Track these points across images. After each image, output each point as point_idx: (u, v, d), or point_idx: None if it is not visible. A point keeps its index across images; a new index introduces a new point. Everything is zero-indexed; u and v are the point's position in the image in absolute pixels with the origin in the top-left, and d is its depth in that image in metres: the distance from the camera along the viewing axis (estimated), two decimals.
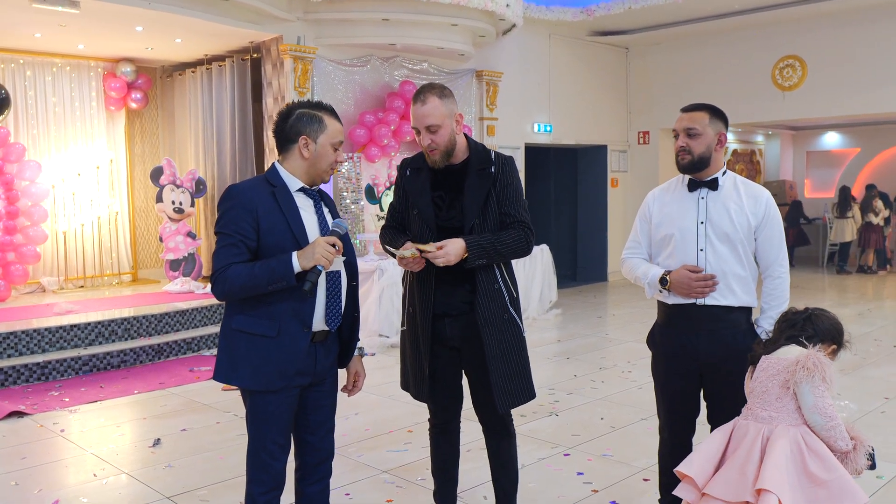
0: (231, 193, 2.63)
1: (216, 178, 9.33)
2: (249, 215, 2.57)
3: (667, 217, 3.07)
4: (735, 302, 2.96)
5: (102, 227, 9.31)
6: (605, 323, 8.93)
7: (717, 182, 2.99)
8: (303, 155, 2.66)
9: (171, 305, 7.67)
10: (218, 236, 2.62)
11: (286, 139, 2.68)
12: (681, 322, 3.03)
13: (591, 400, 5.62)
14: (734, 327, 2.98)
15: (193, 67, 9.50)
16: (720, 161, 3.02)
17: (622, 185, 12.39)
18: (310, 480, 2.84)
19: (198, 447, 4.69)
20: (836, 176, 15.73)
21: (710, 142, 2.97)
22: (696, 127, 2.97)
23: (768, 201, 2.99)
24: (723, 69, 11.35)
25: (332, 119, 2.70)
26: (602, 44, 11.84)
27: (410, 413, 5.23)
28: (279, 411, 2.67)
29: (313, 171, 2.68)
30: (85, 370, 6.50)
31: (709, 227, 2.97)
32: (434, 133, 2.99)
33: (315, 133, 2.65)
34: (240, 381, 2.63)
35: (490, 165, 3.06)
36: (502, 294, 3.07)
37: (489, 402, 3.10)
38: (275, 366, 2.61)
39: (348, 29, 8.30)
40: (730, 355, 2.95)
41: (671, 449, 3.18)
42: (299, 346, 2.63)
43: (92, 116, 9.13)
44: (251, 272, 2.52)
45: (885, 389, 5.72)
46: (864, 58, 10.26)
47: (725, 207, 2.96)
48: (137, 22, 7.33)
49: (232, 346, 2.63)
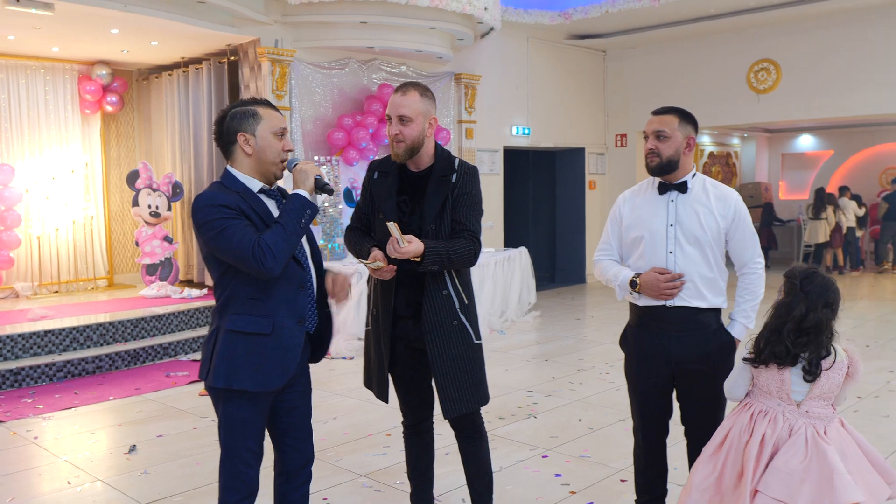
0: (206, 201, 2.53)
1: (193, 181, 9.27)
2: (236, 210, 2.55)
3: (637, 219, 3.11)
4: (703, 304, 3.00)
5: (77, 232, 9.21)
6: (584, 325, 8.97)
7: (687, 185, 3.03)
8: (245, 152, 2.62)
9: (148, 310, 7.60)
10: (215, 229, 2.49)
11: (227, 142, 2.64)
12: (652, 323, 3.06)
13: (569, 401, 5.64)
14: (704, 328, 3.01)
15: (170, 70, 9.44)
16: (689, 164, 3.06)
17: (600, 188, 12.46)
18: (294, 485, 2.82)
19: (174, 453, 4.65)
20: (810, 178, 15.92)
21: (679, 145, 3.00)
22: (665, 130, 3.00)
23: (737, 202, 3.04)
24: (699, 72, 11.47)
25: (268, 109, 2.67)
26: (580, 47, 11.91)
27: (388, 417, 5.22)
28: (252, 418, 2.64)
29: (262, 166, 2.64)
30: (59, 376, 6.42)
31: (678, 229, 3.00)
32: (404, 125, 3.00)
33: (251, 126, 2.61)
34: (240, 383, 2.56)
35: (451, 173, 3.10)
36: (451, 300, 3.07)
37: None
38: (274, 364, 2.60)
39: (326, 32, 8.28)
40: (700, 356, 2.99)
41: (646, 450, 3.21)
42: (296, 341, 2.65)
43: (67, 120, 9.04)
44: (282, 230, 2.52)
45: (858, 389, 5.79)
46: (836, 62, 10.40)
47: (695, 210, 3.00)
48: (113, 24, 7.27)
49: (229, 348, 2.57)
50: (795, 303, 2.59)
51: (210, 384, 2.61)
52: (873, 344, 7.45)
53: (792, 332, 2.57)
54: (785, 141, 16.44)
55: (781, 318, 2.61)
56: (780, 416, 2.61)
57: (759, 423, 2.62)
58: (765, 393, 2.66)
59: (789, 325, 2.58)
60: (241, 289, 2.58)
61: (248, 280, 2.57)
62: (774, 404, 2.63)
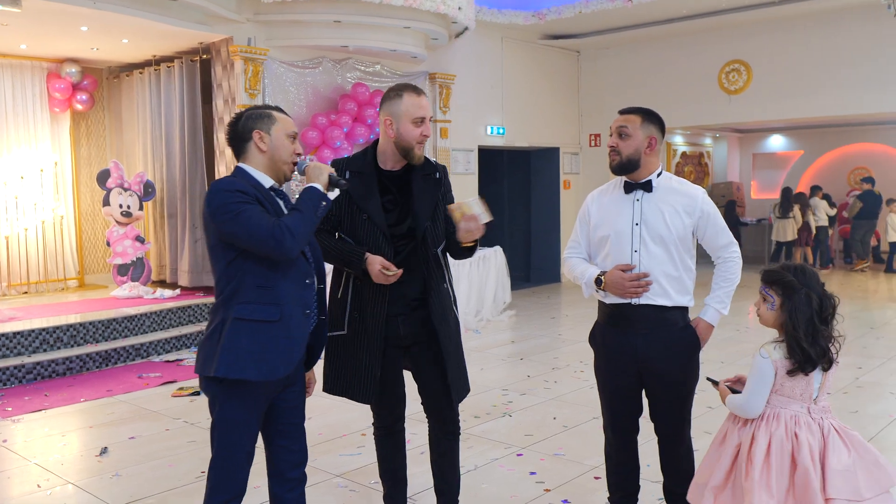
0: (223, 185, 2.58)
1: (165, 181, 9.18)
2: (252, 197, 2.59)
3: (604, 218, 3.14)
4: (669, 302, 3.02)
5: (47, 232, 9.07)
6: (559, 323, 9.02)
7: (651, 184, 3.05)
8: (260, 149, 2.69)
9: (119, 311, 7.51)
10: (231, 212, 2.50)
11: (240, 140, 2.71)
12: (619, 321, 3.10)
13: (544, 400, 5.67)
14: (670, 327, 3.03)
15: (141, 68, 9.33)
16: (653, 164, 3.07)
17: (574, 187, 12.53)
18: (289, 486, 2.82)
19: (146, 455, 4.60)
20: (781, 177, 16.14)
21: (640, 144, 3.03)
22: (627, 127, 3.04)
23: (703, 198, 3.06)
24: (671, 73, 11.57)
25: (282, 114, 2.77)
26: (554, 47, 11.96)
27: (363, 417, 5.20)
28: (250, 419, 2.64)
29: (274, 164, 2.71)
30: (28, 378, 6.32)
31: (643, 228, 3.03)
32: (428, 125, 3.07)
33: (267, 126, 2.70)
34: (243, 372, 2.55)
35: (434, 172, 3.14)
36: (449, 293, 3.17)
37: (443, 398, 3.15)
38: (279, 353, 2.60)
39: (300, 31, 8.24)
40: (666, 355, 3.02)
41: (616, 447, 3.24)
42: (302, 331, 2.68)
43: (35, 118, 8.90)
44: (300, 215, 2.57)
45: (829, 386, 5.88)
46: (806, 63, 10.55)
47: (660, 209, 3.02)
48: (82, 22, 7.17)
49: (235, 337, 2.56)
50: (805, 299, 2.54)
51: (212, 374, 2.57)
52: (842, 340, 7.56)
53: (822, 325, 2.55)
54: (756, 141, 16.65)
55: (805, 316, 2.53)
56: (808, 418, 2.58)
57: (800, 432, 2.54)
58: (787, 398, 2.58)
59: (815, 321, 2.53)
60: (249, 278, 2.59)
61: (257, 268, 2.58)
62: (798, 407, 2.58)
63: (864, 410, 5.24)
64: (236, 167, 2.72)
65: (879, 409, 5.27)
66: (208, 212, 2.56)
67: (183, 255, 8.98)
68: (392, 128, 3.03)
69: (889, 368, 6.42)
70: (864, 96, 10.24)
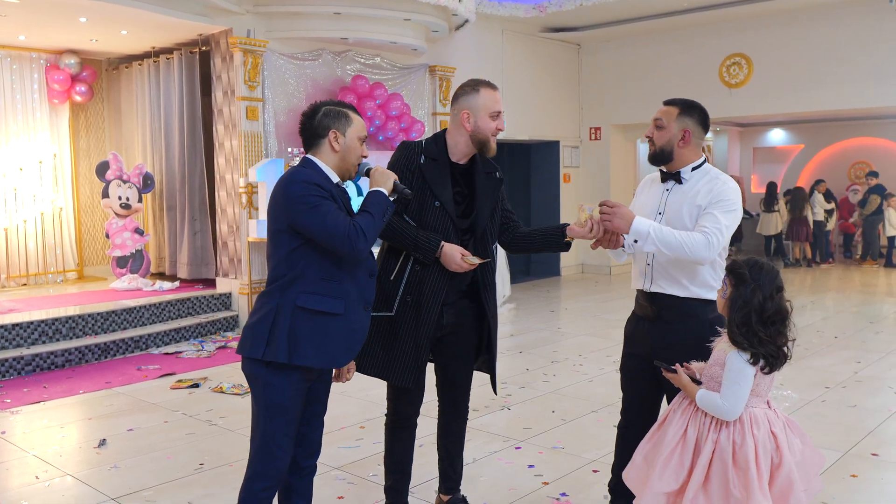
0: (303, 176, 2.63)
1: (164, 172, 9.16)
2: (328, 193, 2.65)
3: (640, 204, 3.17)
4: (683, 293, 2.98)
5: (46, 224, 9.06)
6: (558, 317, 9.02)
7: (681, 175, 3.03)
8: (334, 148, 2.75)
9: (118, 303, 7.51)
10: (309, 204, 2.57)
11: (315, 135, 2.76)
12: (638, 307, 3.16)
13: (542, 393, 5.67)
14: (686, 318, 2.98)
15: (140, 60, 9.31)
16: (688, 156, 3.03)
17: (574, 181, 12.51)
18: (303, 473, 2.88)
19: (145, 447, 4.60)
20: (781, 171, 16.13)
21: (673, 136, 3.02)
22: (661, 119, 3.05)
23: (725, 185, 2.94)
24: (672, 66, 11.54)
25: (356, 115, 2.82)
26: (554, 40, 11.93)
27: (362, 409, 5.22)
28: (295, 403, 2.70)
29: (343, 164, 2.78)
30: (28, 370, 6.33)
31: (666, 218, 3.01)
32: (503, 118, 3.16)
33: (343, 126, 2.76)
34: (303, 359, 2.62)
35: (495, 170, 3.24)
36: (496, 285, 3.31)
37: (466, 387, 3.36)
38: (341, 342, 2.68)
39: (299, 22, 8.21)
40: (678, 346, 2.94)
41: (623, 432, 3.26)
42: (363, 324, 2.76)
43: (34, 110, 8.88)
44: (371, 218, 2.65)
45: (826, 379, 5.89)
46: (807, 57, 10.53)
47: (685, 201, 2.99)
48: (81, 13, 7.15)
49: (294, 323, 2.62)
50: (749, 293, 2.50)
51: (270, 359, 2.61)
52: (841, 335, 7.57)
53: (759, 325, 2.48)
54: (756, 135, 16.63)
55: (742, 310, 2.50)
56: (773, 414, 2.58)
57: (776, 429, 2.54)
58: (757, 397, 2.56)
59: (754, 317, 2.48)
60: (313, 269, 2.64)
61: (323, 260, 2.64)
62: (763, 403, 2.58)
63: (863, 404, 5.25)
64: (306, 158, 2.78)
65: (878, 403, 5.27)
66: (284, 198, 2.61)
67: (182, 247, 8.97)
68: (469, 121, 3.09)
69: (888, 363, 6.42)
70: (864, 90, 10.22)
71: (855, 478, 3.96)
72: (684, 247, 2.83)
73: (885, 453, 4.32)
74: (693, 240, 2.84)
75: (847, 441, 4.51)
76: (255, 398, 2.71)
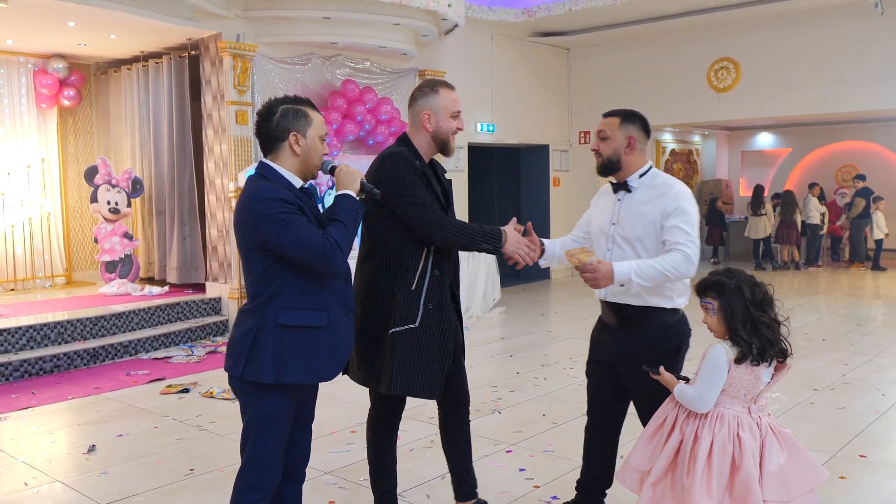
0: (267, 194, 2.50)
1: (153, 177, 9.14)
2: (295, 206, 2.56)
3: (595, 215, 3.26)
4: (638, 302, 3.02)
5: (34, 229, 9.01)
6: (548, 320, 9.03)
7: (629, 185, 3.08)
8: (295, 151, 2.64)
9: (107, 308, 7.48)
10: (278, 222, 2.46)
11: (274, 138, 2.64)
12: (603, 313, 3.24)
13: (533, 396, 5.67)
14: (645, 325, 3.04)
15: (129, 64, 9.28)
16: (635, 163, 3.08)
17: (564, 185, 12.55)
18: (293, 481, 2.84)
19: (134, 453, 4.58)
20: (769, 175, 16.22)
21: (619, 145, 3.07)
22: (605, 130, 3.11)
23: (675, 195, 2.97)
24: (661, 71, 11.60)
25: (315, 112, 2.71)
26: (543, 44, 11.97)
27: (352, 413, 5.21)
28: (288, 414, 2.65)
29: (306, 167, 2.68)
30: (16, 376, 6.29)
31: (618, 228, 3.08)
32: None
33: (304, 127, 2.65)
34: (291, 377, 2.56)
35: (444, 172, 3.23)
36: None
37: (465, 385, 3.33)
38: (328, 355, 2.62)
39: (289, 27, 8.21)
40: (637, 355, 2.99)
41: (588, 436, 3.42)
42: (348, 332, 2.71)
43: (22, 114, 8.84)
44: (343, 227, 2.56)
45: (814, 381, 5.92)
46: (794, 61, 10.61)
47: (637, 210, 3.03)
48: (69, 17, 7.13)
49: (279, 342, 2.56)
50: (736, 290, 2.56)
51: (253, 379, 2.56)
52: (829, 337, 7.62)
53: (759, 312, 2.55)
54: (744, 139, 16.73)
55: (740, 309, 2.54)
56: (749, 419, 2.58)
57: (743, 433, 2.54)
58: (730, 398, 2.58)
59: (752, 308, 2.54)
60: (291, 283, 2.57)
61: (299, 274, 2.56)
62: (739, 407, 2.59)
63: (851, 406, 5.28)
64: (264, 165, 2.65)
65: (866, 405, 5.30)
66: (251, 218, 2.51)
67: (171, 251, 8.94)
68: (430, 122, 3.08)
69: (875, 365, 6.46)
70: (851, 94, 10.30)
71: (843, 479, 3.99)
72: (667, 273, 2.86)
73: (873, 455, 4.35)
74: (673, 262, 2.86)
75: (835, 443, 4.54)
76: (245, 412, 2.66)
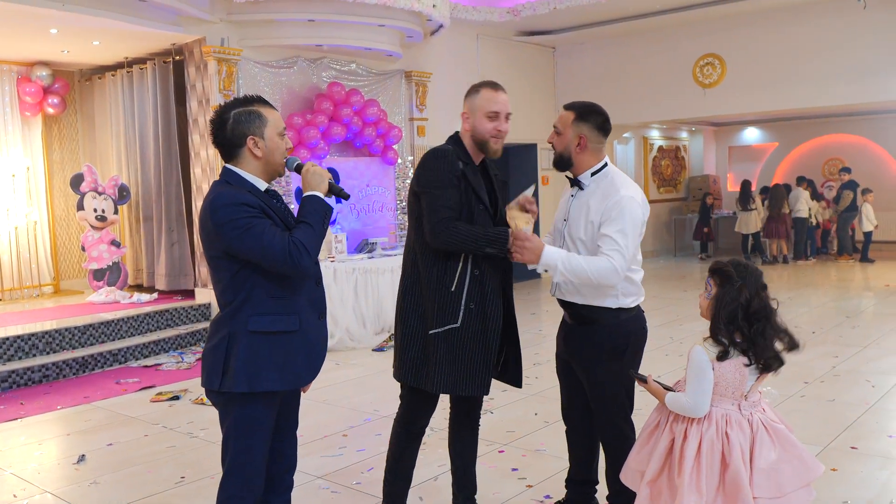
0: (227, 199, 2.46)
1: (140, 184, 9.08)
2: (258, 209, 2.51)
3: (558, 211, 3.26)
4: (582, 300, 3.06)
5: (20, 238, 8.94)
6: (539, 319, 9.04)
7: (580, 182, 3.08)
8: (255, 155, 2.60)
9: (96, 316, 7.43)
10: (240, 228, 2.42)
11: (232, 145, 2.59)
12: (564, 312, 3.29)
13: (525, 396, 5.67)
14: (592, 323, 3.09)
15: (113, 71, 9.23)
16: (587, 161, 3.06)
17: (553, 183, 12.55)
18: (278, 491, 2.79)
19: (125, 462, 4.55)
20: (756, 169, 16.29)
21: (569, 142, 3.06)
22: (558, 125, 3.11)
23: (619, 200, 2.93)
24: (646, 67, 11.63)
25: (268, 109, 2.66)
26: (529, 43, 11.98)
27: (344, 417, 5.20)
28: (269, 421, 2.61)
29: (269, 167, 2.64)
30: (4, 387, 6.23)
31: (568, 226, 3.10)
32: (508, 122, 3.10)
33: (260, 129, 2.60)
34: (265, 385, 2.51)
35: (496, 173, 3.23)
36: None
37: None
38: (302, 360, 2.57)
39: (273, 30, 8.18)
40: (584, 353, 3.09)
41: (567, 430, 3.48)
42: (320, 335, 2.67)
43: (6, 123, 8.76)
44: (311, 229, 2.51)
45: (805, 374, 5.95)
46: (779, 56, 10.65)
47: (583, 208, 3.04)
48: (51, 24, 7.07)
49: (251, 350, 2.51)
50: (736, 291, 2.55)
51: (228, 390, 2.52)
52: (819, 330, 7.65)
53: (744, 321, 2.53)
54: (731, 134, 16.80)
55: (729, 306, 2.54)
56: (738, 416, 2.57)
57: (731, 431, 2.54)
58: (718, 396, 2.57)
59: (740, 313, 2.53)
60: (261, 289, 2.52)
61: (268, 279, 2.52)
62: (728, 405, 2.58)
63: (841, 398, 5.30)
64: (227, 169, 2.61)
65: (856, 397, 5.33)
66: (213, 225, 2.46)
67: (160, 258, 8.89)
68: (468, 121, 3.07)
69: (865, 356, 6.50)
70: (836, 88, 10.35)
71: (835, 471, 4.00)
72: (590, 275, 2.88)
73: (864, 446, 4.37)
74: (599, 267, 2.88)
75: (826, 435, 4.55)
76: (224, 422, 2.62)
